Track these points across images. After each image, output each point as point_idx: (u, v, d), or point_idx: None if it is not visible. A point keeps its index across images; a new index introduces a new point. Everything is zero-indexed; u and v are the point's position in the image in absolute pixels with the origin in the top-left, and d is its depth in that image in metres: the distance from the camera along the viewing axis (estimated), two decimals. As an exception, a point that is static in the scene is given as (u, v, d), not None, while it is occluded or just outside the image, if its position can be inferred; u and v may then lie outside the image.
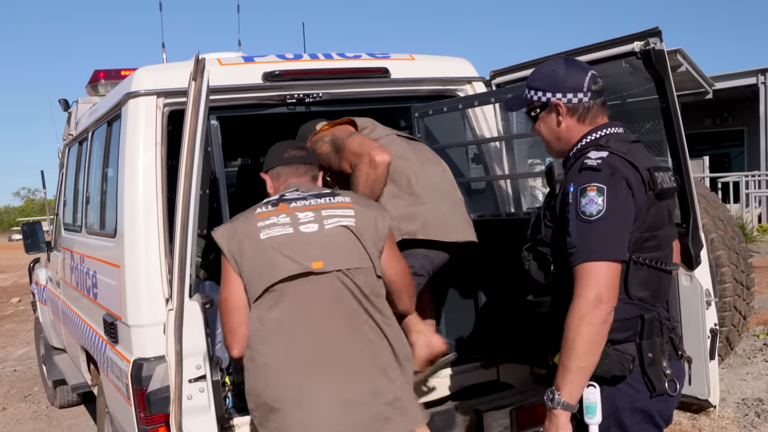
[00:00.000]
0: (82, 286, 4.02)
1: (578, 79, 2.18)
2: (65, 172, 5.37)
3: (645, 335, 2.09)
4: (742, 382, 5.72)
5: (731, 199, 14.36)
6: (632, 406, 2.09)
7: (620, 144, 2.13)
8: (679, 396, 2.18)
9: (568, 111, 2.19)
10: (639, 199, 2.05)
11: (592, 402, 2.06)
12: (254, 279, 2.34)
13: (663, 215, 2.15)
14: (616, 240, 2.01)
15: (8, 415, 6.31)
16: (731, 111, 18.84)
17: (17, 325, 11.06)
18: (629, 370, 2.06)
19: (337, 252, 2.38)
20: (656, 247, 2.12)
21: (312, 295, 2.35)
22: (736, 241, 3.39)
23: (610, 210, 2.00)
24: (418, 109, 3.73)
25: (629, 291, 2.08)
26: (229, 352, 2.43)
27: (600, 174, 2.03)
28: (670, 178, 2.17)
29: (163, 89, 3.06)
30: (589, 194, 2.02)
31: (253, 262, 2.34)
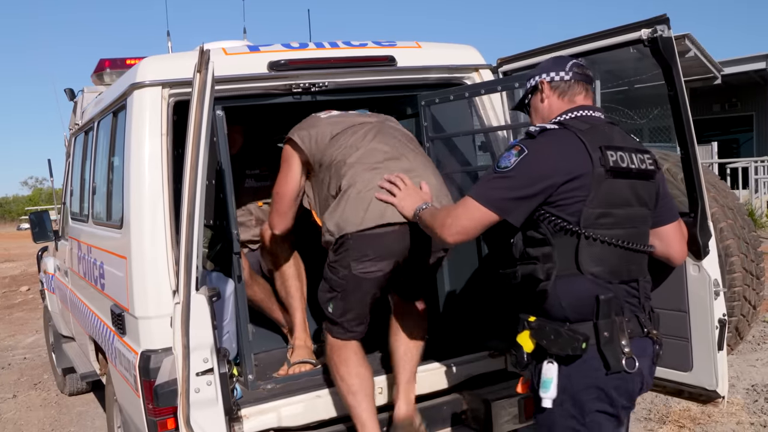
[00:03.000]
0: (90, 276, 4.03)
1: (562, 62, 2.39)
2: (71, 161, 5.37)
3: (601, 315, 2.14)
4: (752, 368, 5.71)
5: (740, 185, 14.28)
6: (587, 383, 2.17)
7: (582, 123, 2.23)
8: (642, 372, 2.22)
9: (550, 87, 2.35)
10: (576, 174, 2.12)
11: (548, 377, 2.18)
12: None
13: (623, 194, 2.21)
14: (502, 195, 2.16)
15: (19, 402, 6.36)
16: (740, 96, 18.69)
17: (27, 314, 11.12)
18: (582, 349, 2.13)
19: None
20: (613, 224, 2.19)
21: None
22: (745, 231, 3.35)
23: (517, 171, 2.13)
24: (425, 98, 3.70)
25: (579, 264, 2.17)
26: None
27: (531, 140, 2.18)
28: (641, 160, 2.24)
29: (169, 80, 3.03)
30: (510, 151, 2.19)
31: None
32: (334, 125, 3.15)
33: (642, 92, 11.61)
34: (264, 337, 3.95)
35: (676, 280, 2.83)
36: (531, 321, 2.24)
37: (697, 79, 15.48)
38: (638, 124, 12.94)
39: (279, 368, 3.48)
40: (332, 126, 3.15)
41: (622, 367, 2.15)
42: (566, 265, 2.17)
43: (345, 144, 3.05)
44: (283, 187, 3.23)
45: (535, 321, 2.23)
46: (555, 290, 2.17)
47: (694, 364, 2.86)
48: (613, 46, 2.77)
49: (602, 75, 12.28)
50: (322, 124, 3.17)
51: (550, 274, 2.18)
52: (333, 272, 2.92)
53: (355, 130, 3.11)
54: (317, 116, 3.25)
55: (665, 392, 3.09)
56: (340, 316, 2.93)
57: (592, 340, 2.15)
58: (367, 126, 3.15)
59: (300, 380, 3.28)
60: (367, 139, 3.06)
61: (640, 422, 4.80)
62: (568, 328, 2.15)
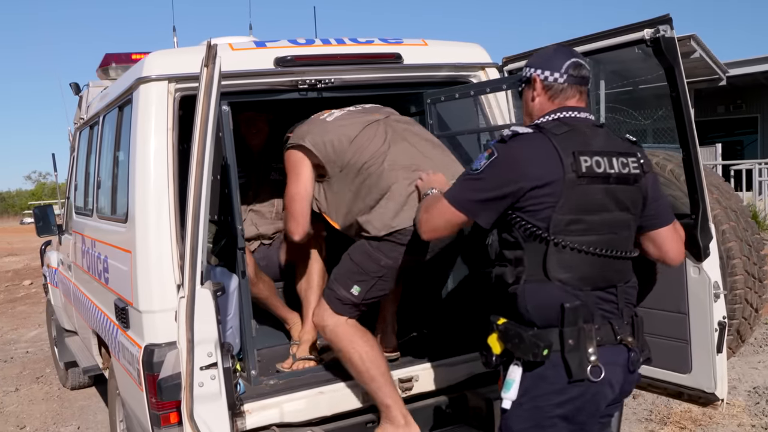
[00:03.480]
0: (94, 271, 4.03)
1: (560, 60, 2.29)
2: (76, 155, 5.37)
3: (566, 323, 2.12)
4: (754, 371, 5.71)
5: (744, 187, 14.24)
6: (549, 389, 2.16)
7: (561, 126, 2.20)
8: (610, 381, 2.18)
9: (543, 87, 2.30)
10: (548, 179, 2.10)
11: (511, 379, 2.20)
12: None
13: (598, 200, 2.17)
14: (472, 197, 2.19)
15: (21, 396, 6.38)
16: (745, 98, 18.63)
17: (29, 307, 11.15)
18: (543, 356, 2.12)
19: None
20: (585, 231, 2.16)
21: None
22: (748, 233, 3.34)
23: (486, 174, 2.15)
24: (431, 95, 3.70)
25: (547, 271, 2.15)
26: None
27: (503, 144, 2.18)
28: (623, 164, 2.20)
29: (175, 74, 3.03)
30: (483, 153, 2.21)
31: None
32: (347, 127, 3.17)
33: (647, 93, 11.59)
34: (267, 332, 3.95)
35: (677, 281, 2.83)
36: (499, 324, 2.24)
37: (702, 81, 15.43)
38: (643, 124, 12.91)
39: (282, 362, 3.49)
40: (346, 128, 3.17)
41: (586, 376, 2.12)
42: (535, 270, 2.16)
43: (368, 146, 3.12)
44: (297, 191, 3.20)
45: (502, 324, 2.23)
46: (523, 294, 2.17)
47: (693, 367, 2.86)
48: (616, 46, 2.76)
49: (607, 75, 12.30)
50: (333, 127, 3.18)
51: (519, 277, 2.18)
52: (372, 260, 3.01)
53: (371, 130, 3.17)
54: (323, 120, 3.25)
55: (665, 394, 3.09)
56: (363, 299, 3.05)
57: (557, 347, 2.13)
58: (380, 124, 3.21)
59: (303, 376, 3.28)
60: (389, 138, 3.16)
61: (641, 423, 4.80)
62: (532, 334, 2.14)
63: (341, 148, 3.12)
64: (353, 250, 3.10)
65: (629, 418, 4.88)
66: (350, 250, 3.11)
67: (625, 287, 2.27)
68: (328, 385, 3.17)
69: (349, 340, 3.03)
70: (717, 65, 14.99)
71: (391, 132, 3.19)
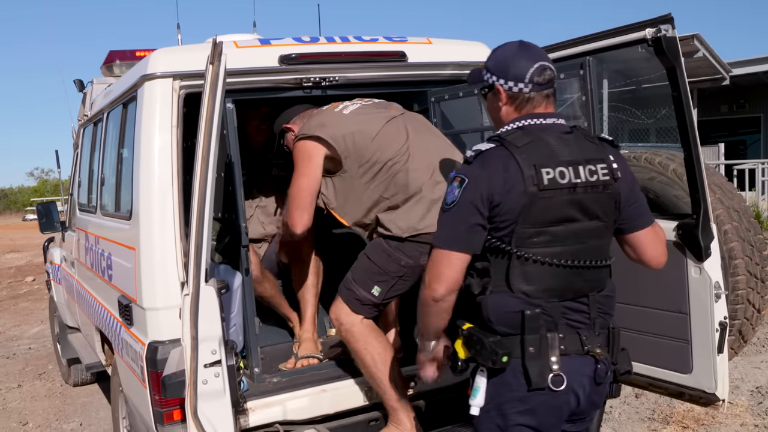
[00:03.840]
0: (97, 267, 4.04)
1: (523, 68, 2.19)
2: (80, 152, 5.38)
3: (527, 330, 2.11)
4: (756, 370, 5.70)
5: (746, 187, 14.23)
6: (511, 396, 2.15)
7: (524, 136, 2.14)
8: (574, 390, 2.15)
9: (508, 98, 2.22)
10: (511, 194, 2.07)
11: (477, 386, 2.20)
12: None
13: (563, 211, 2.12)
14: (459, 232, 2.11)
15: (24, 392, 6.38)
16: (748, 97, 18.60)
17: (32, 304, 11.16)
18: (502, 363, 2.11)
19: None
20: (549, 242, 2.12)
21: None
22: (751, 233, 3.33)
23: (462, 202, 2.09)
24: (434, 94, 3.70)
25: (510, 283, 2.14)
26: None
27: (469, 167, 2.13)
28: (592, 172, 2.13)
29: (180, 72, 3.03)
30: (453, 184, 2.14)
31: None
32: (368, 122, 3.16)
33: (650, 92, 11.57)
34: (270, 330, 3.96)
35: (678, 281, 2.83)
36: (464, 329, 2.23)
37: (706, 80, 15.41)
38: (646, 123, 12.90)
39: (285, 361, 3.49)
40: (366, 123, 3.15)
41: (547, 384, 2.10)
42: (500, 281, 2.16)
43: (391, 143, 3.11)
44: (304, 182, 3.15)
45: (467, 329, 2.22)
46: (487, 304, 2.17)
47: (694, 367, 2.86)
48: (618, 45, 2.75)
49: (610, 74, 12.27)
50: (353, 121, 3.16)
51: (486, 288, 2.17)
52: (392, 260, 3.02)
53: (392, 126, 3.17)
54: (339, 112, 3.22)
55: (666, 394, 3.09)
56: (383, 299, 3.06)
57: (517, 354, 2.12)
58: (399, 120, 3.22)
59: (305, 374, 3.29)
60: (410, 135, 3.16)
61: (644, 422, 4.80)
62: (493, 341, 2.13)
63: (363, 143, 3.09)
64: (371, 250, 3.09)
65: (632, 418, 4.88)
66: (368, 250, 3.10)
67: (598, 296, 2.22)
68: (331, 383, 3.18)
69: (364, 341, 3.03)
70: (720, 65, 14.98)
71: (411, 129, 3.19)
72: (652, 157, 3.41)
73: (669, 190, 3.26)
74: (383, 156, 3.08)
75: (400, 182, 3.05)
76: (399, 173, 3.06)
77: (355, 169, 3.11)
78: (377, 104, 3.33)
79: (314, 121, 3.22)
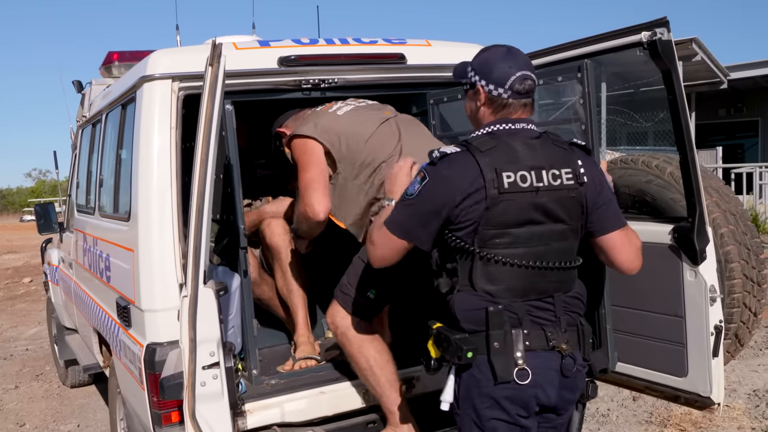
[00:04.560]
0: (95, 269, 4.04)
1: (506, 73, 2.24)
2: (78, 153, 5.38)
3: (491, 326, 2.16)
4: (754, 374, 5.72)
5: (744, 190, 14.26)
6: (479, 391, 2.20)
7: (489, 140, 2.21)
8: (540, 384, 2.19)
9: (487, 100, 2.28)
10: (472, 196, 2.13)
11: (447, 382, 2.27)
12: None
13: (524, 214, 2.17)
14: (409, 222, 2.21)
15: (21, 394, 6.38)
16: (746, 101, 18.65)
17: (29, 305, 11.15)
18: (467, 358, 2.17)
19: None
20: (511, 244, 2.18)
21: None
22: (747, 236, 3.33)
23: (421, 197, 2.18)
24: (434, 96, 3.70)
25: (473, 283, 2.20)
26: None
27: (433, 167, 2.21)
28: (555, 176, 2.18)
29: (179, 73, 3.03)
30: (416, 177, 2.24)
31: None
32: (362, 124, 3.16)
33: (648, 95, 11.60)
34: (268, 332, 3.96)
35: (673, 285, 2.83)
36: (434, 328, 2.29)
37: (703, 84, 15.46)
38: (644, 127, 12.92)
39: (283, 363, 3.49)
40: (361, 125, 3.15)
41: (512, 378, 2.16)
42: (465, 281, 2.22)
43: (385, 145, 3.11)
44: (313, 170, 3.11)
45: (436, 328, 2.28)
46: (453, 303, 2.23)
47: (689, 370, 2.86)
48: (614, 48, 2.76)
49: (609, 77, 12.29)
50: (347, 123, 3.16)
51: (453, 287, 2.24)
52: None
53: (386, 128, 3.17)
54: (332, 113, 3.22)
55: (662, 397, 3.09)
56: (379, 301, 3.05)
57: (483, 350, 2.17)
58: (392, 122, 3.22)
59: (304, 376, 3.28)
60: (402, 137, 3.15)
61: (642, 425, 4.80)
62: (459, 338, 2.19)
63: (356, 146, 3.10)
64: (365, 253, 3.08)
65: (629, 420, 4.89)
66: (362, 254, 3.07)
67: (564, 297, 2.27)
68: (329, 385, 3.17)
69: (359, 344, 3.02)
70: (718, 68, 15.01)
71: (403, 130, 3.19)
72: (649, 160, 3.41)
73: (666, 193, 3.26)
74: (377, 158, 3.08)
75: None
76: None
77: (349, 170, 3.11)
78: (371, 106, 3.34)
79: (308, 121, 3.21)
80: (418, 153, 3.12)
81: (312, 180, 3.10)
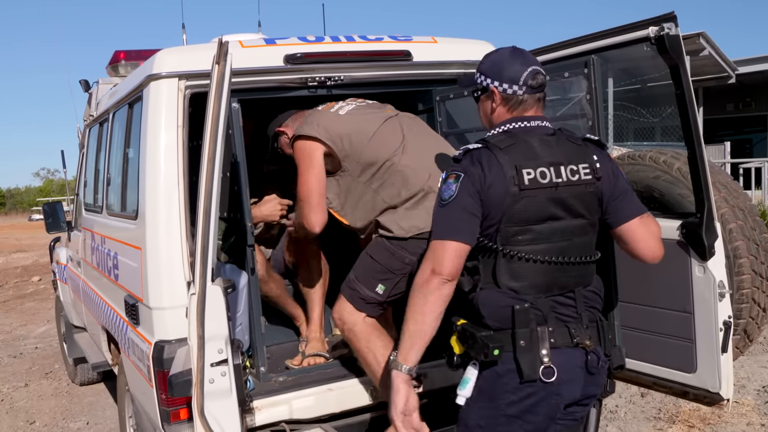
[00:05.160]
0: (103, 267, 4.05)
1: (517, 71, 2.27)
2: (86, 152, 5.39)
3: (517, 324, 2.16)
4: (763, 370, 5.69)
5: (753, 185, 14.19)
6: (504, 388, 2.19)
7: (507, 138, 2.22)
8: (565, 381, 2.18)
9: (502, 100, 2.29)
10: (495, 193, 2.14)
11: (467, 378, 2.25)
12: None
13: (545, 210, 2.18)
14: (459, 222, 2.16)
15: (30, 391, 6.41)
16: (754, 96, 18.54)
17: (38, 304, 11.20)
18: (493, 356, 2.16)
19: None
20: (533, 240, 2.19)
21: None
22: (756, 232, 3.31)
23: (461, 195, 2.15)
24: (440, 93, 3.70)
25: (497, 280, 2.20)
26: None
27: (460, 164, 2.21)
28: (573, 172, 2.20)
29: (185, 71, 3.04)
30: (448, 181, 2.21)
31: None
32: (365, 122, 3.16)
33: (655, 91, 11.55)
34: (276, 330, 3.97)
35: (682, 280, 2.82)
36: (458, 325, 2.29)
37: (711, 78, 15.38)
38: (651, 122, 12.88)
39: (292, 359, 3.50)
40: (363, 124, 3.15)
41: (538, 376, 2.14)
42: (488, 279, 2.22)
43: (389, 143, 3.11)
44: (312, 179, 3.13)
45: (461, 325, 2.28)
46: (478, 301, 2.22)
47: (698, 366, 2.85)
48: (621, 44, 2.75)
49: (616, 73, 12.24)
50: (349, 122, 3.16)
51: (476, 285, 2.24)
52: (396, 258, 3.03)
53: (389, 126, 3.17)
54: (334, 113, 3.22)
55: (671, 393, 3.08)
56: (387, 297, 3.05)
57: (509, 348, 2.17)
58: (395, 120, 3.22)
59: (312, 373, 3.29)
60: (405, 135, 3.16)
61: (650, 421, 4.80)
62: (485, 335, 2.18)
63: (360, 144, 3.10)
64: (373, 249, 3.09)
65: (638, 417, 4.88)
66: (370, 249, 3.10)
67: (584, 291, 2.28)
68: (337, 382, 3.18)
69: (366, 340, 3.03)
70: (726, 63, 14.94)
71: (406, 129, 3.20)
72: (656, 156, 3.40)
73: (674, 188, 3.25)
74: (381, 156, 3.09)
75: (398, 182, 3.05)
76: (397, 173, 3.06)
77: (354, 168, 3.11)
78: (371, 105, 3.34)
79: (310, 120, 3.21)
80: (422, 150, 3.13)
81: (309, 193, 3.11)
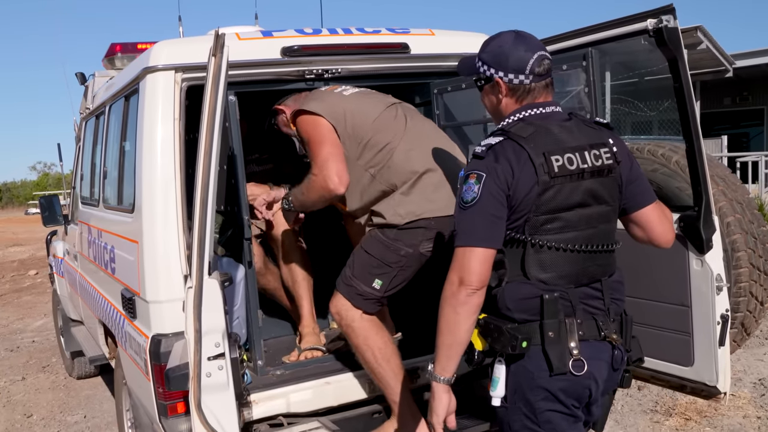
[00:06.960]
0: (100, 261, 4.04)
1: (523, 59, 2.16)
2: (82, 145, 5.38)
3: (546, 315, 2.11)
4: (759, 363, 5.71)
5: (749, 179, 14.21)
6: (533, 383, 2.13)
7: (526, 126, 2.13)
8: (593, 375, 2.14)
9: (509, 90, 2.20)
10: (524, 184, 2.06)
11: (497, 377, 2.18)
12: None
13: (574, 197, 2.12)
14: (484, 227, 2.06)
15: (27, 385, 6.41)
16: (751, 90, 18.54)
17: (35, 297, 11.18)
18: (522, 348, 2.10)
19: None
20: (562, 228, 2.12)
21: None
22: (754, 225, 3.31)
23: (484, 198, 2.05)
24: (437, 86, 3.69)
25: (526, 272, 2.12)
26: None
27: (482, 161, 2.09)
28: (596, 156, 2.13)
29: (182, 64, 3.02)
30: (469, 181, 2.09)
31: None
32: (368, 105, 3.12)
33: (653, 84, 11.53)
34: (273, 323, 3.96)
35: (679, 274, 2.83)
36: (480, 318, 2.20)
37: (709, 72, 15.37)
38: (649, 116, 12.87)
39: (289, 354, 3.50)
40: (366, 105, 3.12)
41: (568, 369, 2.09)
42: (515, 272, 2.15)
43: (391, 126, 3.08)
44: (330, 145, 2.99)
45: (482, 318, 2.20)
46: (503, 293, 2.15)
47: (695, 359, 2.85)
48: (620, 36, 2.73)
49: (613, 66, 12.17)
50: (352, 103, 3.11)
51: (501, 280, 2.16)
52: (391, 250, 2.99)
53: (392, 111, 3.15)
54: (338, 93, 3.18)
55: (668, 386, 3.09)
56: (385, 291, 3.03)
57: (537, 340, 2.11)
58: (398, 107, 3.20)
59: (309, 367, 3.29)
60: (408, 121, 3.14)
61: (647, 414, 4.81)
62: (512, 327, 2.12)
63: (361, 124, 3.04)
64: (368, 244, 3.06)
65: (634, 410, 4.89)
66: (364, 244, 3.07)
67: (610, 281, 2.24)
68: (335, 375, 3.18)
69: (364, 336, 3.01)
70: (723, 57, 14.93)
71: (408, 116, 3.17)
72: (654, 149, 3.40)
73: (671, 181, 3.25)
74: (382, 139, 3.04)
75: (397, 166, 3.00)
76: (397, 157, 3.01)
77: (353, 150, 3.04)
78: (375, 92, 3.31)
79: (314, 99, 3.14)
80: (424, 137, 3.11)
81: (331, 153, 2.97)
